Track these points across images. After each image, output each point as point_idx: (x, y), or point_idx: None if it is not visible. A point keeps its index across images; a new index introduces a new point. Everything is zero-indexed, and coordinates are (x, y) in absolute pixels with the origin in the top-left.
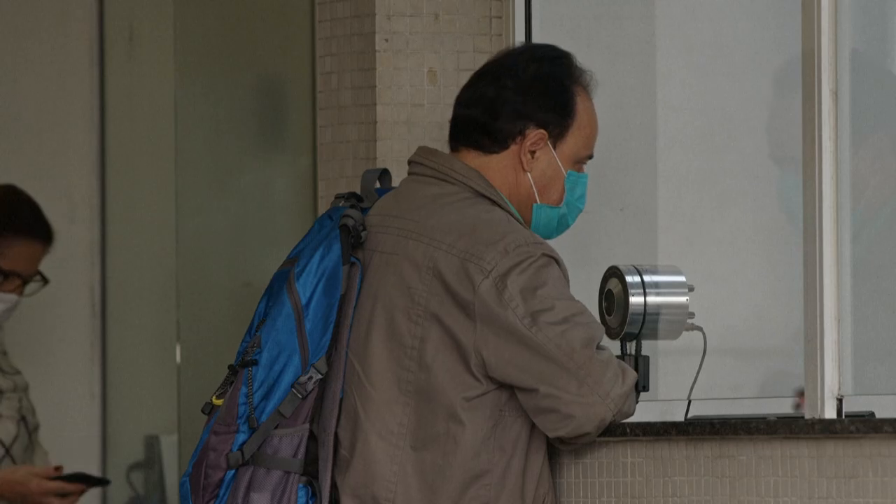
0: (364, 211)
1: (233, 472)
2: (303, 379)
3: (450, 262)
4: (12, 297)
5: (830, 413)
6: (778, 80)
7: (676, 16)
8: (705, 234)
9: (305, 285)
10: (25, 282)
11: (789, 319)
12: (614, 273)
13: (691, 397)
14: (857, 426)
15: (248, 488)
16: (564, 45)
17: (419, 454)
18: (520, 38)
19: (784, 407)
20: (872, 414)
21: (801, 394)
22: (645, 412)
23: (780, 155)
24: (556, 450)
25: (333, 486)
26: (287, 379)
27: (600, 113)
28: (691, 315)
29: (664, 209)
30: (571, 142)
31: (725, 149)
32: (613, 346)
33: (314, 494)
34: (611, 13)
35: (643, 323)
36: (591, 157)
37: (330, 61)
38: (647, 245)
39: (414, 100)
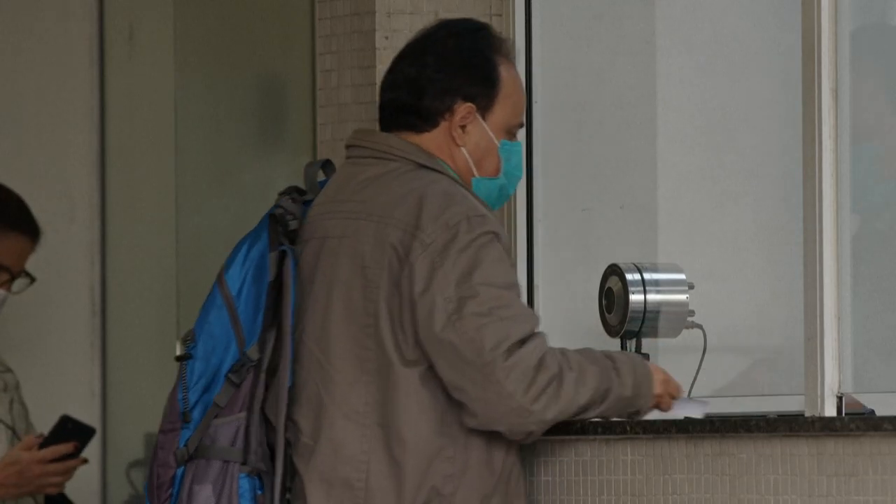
0: (308, 203)
1: (182, 468)
2: (236, 367)
3: (400, 236)
4: (1, 292)
5: (830, 411)
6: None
7: (676, 15)
8: (705, 233)
9: (235, 276)
10: (13, 278)
11: (789, 317)
12: (614, 271)
13: (691, 395)
14: (857, 424)
15: (192, 481)
16: (564, 45)
17: (385, 431)
18: (520, 37)
19: (784, 405)
20: (872, 412)
21: None
22: None
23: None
24: (554, 448)
25: (294, 475)
26: (226, 370)
27: (600, 111)
28: (691, 313)
29: (664, 207)
30: (500, 112)
31: (725, 147)
32: (613, 344)
33: (262, 486)
34: (611, 12)
35: (643, 321)
36: (522, 125)
37: (330, 59)
38: (647, 243)
39: None
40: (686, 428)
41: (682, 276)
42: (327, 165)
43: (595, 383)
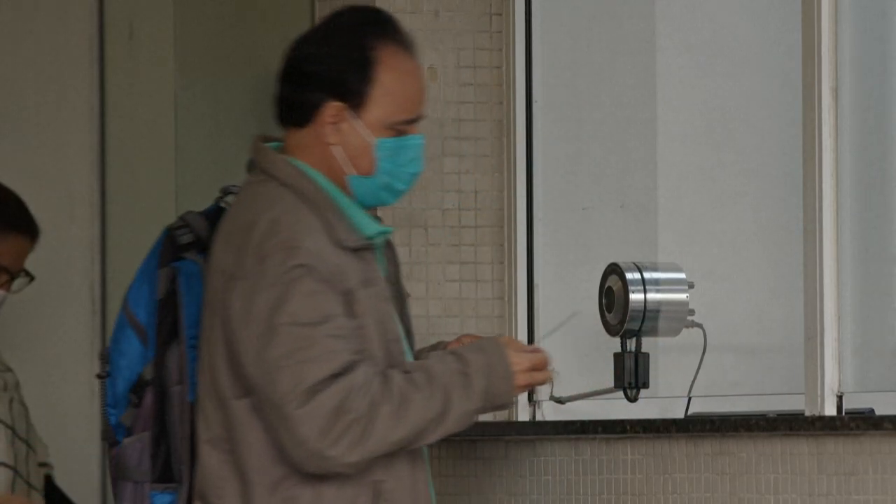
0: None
1: None
2: (135, 387)
3: (229, 265)
4: (0, 292)
5: (830, 410)
6: None
7: (676, 14)
8: (705, 232)
9: (135, 295)
10: (12, 277)
11: (789, 316)
12: (614, 270)
13: (691, 394)
14: (857, 423)
15: (116, 501)
16: (564, 44)
17: (236, 458)
18: (520, 35)
19: (784, 404)
20: (872, 411)
21: None
22: (645, 409)
23: None
24: (554, 447)
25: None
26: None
27: (600, 110)
28: (691, 312)
29: (664, 206)
30: (376, 109)
31: (725, 146)
32: (614, 344)
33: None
34: (611, 12)
35: (643, 320)
36: (413, 120)
37: None
38: (647, 242)
39: None
40: (686, 427)
41: (682, 276)
42: None
43: (421, 414)
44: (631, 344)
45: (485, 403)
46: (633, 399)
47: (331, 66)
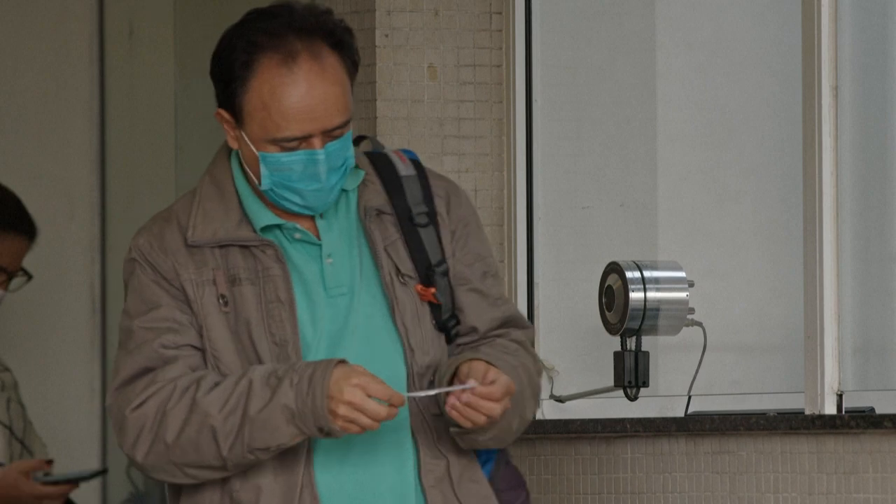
0: None
1: None
2: None
3: None
4: None
5: (830, 409)
6: None
7: (676, 14)
8: (705, 231)
9: None
10: (10, 277)
11: (789, 315)
12: (614, 269)
13: (691, 393)
14: (857, 422)
15: None
16: (564, 42)
17: None
18: (520, 35)
19: (784, 403)
20: (872, 409)
21: None
22: (645, 408)
23: None
24: (555, 446)
25: None
26: None
27: (600, 110)
28: (691, 311)
29: (664, 205)
30: (252, 123)
31: (725, 145)
32: (614, 343)
33: None
34: (611, 11)
35: (643, 319)
36: (296, 139)
37: None
38: (647, 241)
39: (414, 96)
40: (686, 426)
41: (681, 274)
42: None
43: (209, 417)
44: (631, 343)
45: (287, 416)
46: (632, 398)
47: (220, 72)
